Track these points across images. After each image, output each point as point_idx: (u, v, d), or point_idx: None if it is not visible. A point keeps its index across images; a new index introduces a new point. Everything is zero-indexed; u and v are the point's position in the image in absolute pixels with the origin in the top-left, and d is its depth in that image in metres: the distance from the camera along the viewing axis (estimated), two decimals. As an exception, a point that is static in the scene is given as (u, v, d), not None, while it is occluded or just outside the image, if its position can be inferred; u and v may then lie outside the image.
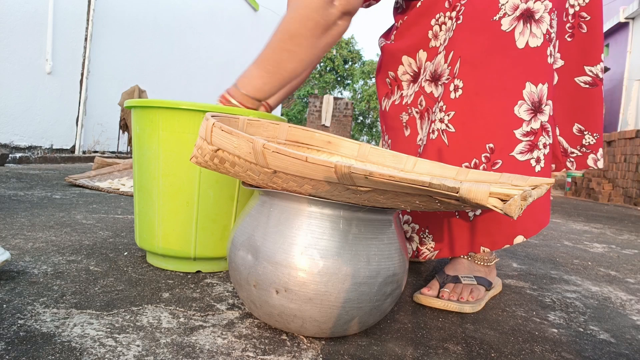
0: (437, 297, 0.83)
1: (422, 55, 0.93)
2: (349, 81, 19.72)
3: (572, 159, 0.97)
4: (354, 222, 0.59)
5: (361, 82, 19.47)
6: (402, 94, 0.99)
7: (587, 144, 0.95)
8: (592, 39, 0.90)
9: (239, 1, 7.75)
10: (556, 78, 0.90)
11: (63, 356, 0.52)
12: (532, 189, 0.54)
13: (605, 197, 5.19)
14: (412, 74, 0.96)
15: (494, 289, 0.91)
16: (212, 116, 0.59)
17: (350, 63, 19.30)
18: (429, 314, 0.79)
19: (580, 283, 1.10)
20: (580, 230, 2.20)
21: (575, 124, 0.95)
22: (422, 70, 0.94)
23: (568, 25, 0.90)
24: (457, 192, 0.46)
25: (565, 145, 0.96)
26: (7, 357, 0.51)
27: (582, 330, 0.77)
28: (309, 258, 0.57)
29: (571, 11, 0.90)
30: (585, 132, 0.94)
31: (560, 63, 0.91)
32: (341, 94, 19.84)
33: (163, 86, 5.67)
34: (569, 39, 0.91)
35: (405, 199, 0.53)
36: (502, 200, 0.46)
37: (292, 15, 0.79)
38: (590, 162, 0.95)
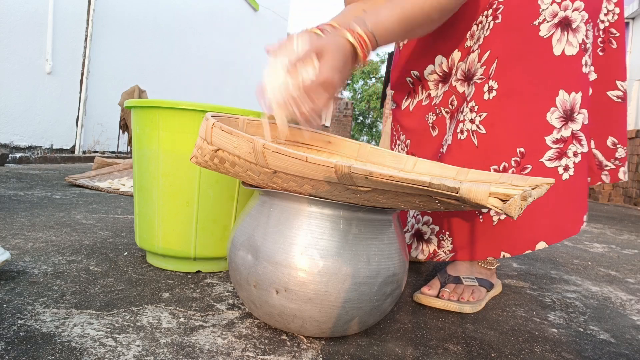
0: (437, 296, 0.83)
1: (456, 55, 0.91)
2: (349, 81, 19.70)
3: (606, 172, 0.97)
4: (354, 222, 0.59)
5: (361, 82, 19.46)
6: (429, 94, 0.97)
7: (619, 157, 0.96)
8: (621, 56, 0.91)
9: (239, 1, 7.75)
10: (590, 91, 0.90)
11: (63, 356, 0.52)
12: (532, 189, 0.54)
13: (605, 197, 5.18)
14: (441, 74, 0.94)
15: (494, 290, 0.91)
16: (212, 116, 0.59)
17: (350, 63, 19.25)
18: (429, 314, 0.79)
19: (580, 283, 1.10)
20: (581, 230, 2.20)
21: (610, 137, 0.96)
22: (453, 71, 0.92)
23: (599, 39, 0.90)
24: (457, 192, 0.46)
25: (601, 157, 0.96)
26: (7, 357, 0.51)
27: (582, 330, 0.77)
28: (309, 258, 0.57)
29: (601, 26, 0.90)
30: (618, 145, 0.95)
31: (593, 76, 0.91)
32: (341, 94, 19.81)
33: (163, 86, 5.66)
34: (600, 53, 0.91)
35: (405, 199, 0.53)
36: (502, 200, 0.46)
37: (434, 4, 0.76)
38: (621, 175, 0.97)
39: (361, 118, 19.54)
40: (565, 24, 0.78)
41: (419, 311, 0.79)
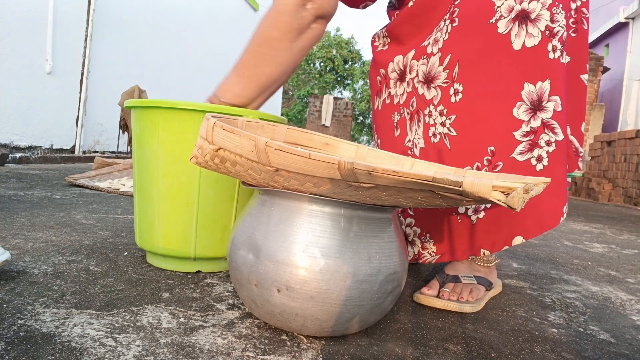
0: (437, 296, 0.83)
1: (411, 53, 0.92)
2: (349, 81, 19.73)
3: (581, 159, 0.95)
4: (355, 220, 0.59)
5: (361, 82, 19.47)
6: (389, 92, 0.98)
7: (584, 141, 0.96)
8: (587, 36, 0.91)
9: (239, 1, 7.76)
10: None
11: (63, 356, 0.52)
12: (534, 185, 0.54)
13: (605, 197, 5.19)
14: (398, 72, 0.95)
15: (494, 289, 0.91)
16: (212, 117, 0.59)
17: (350, 63, 19.30)
18: (429, 314, 0.79)
19: (580, 283, 1.10)
20: (580, 230, 2.20)
21: (582, 122, 0.95)
22: (407, 69, 0.92)
23: (572, 20, 0.89)
24: (460, 186, 0.46)
25: (577, 144, 0.95)
26: (7, 357, 0.51)
27: (582, 330, 0.77)
28: (311, 256, 0.57)
29: (573, 6, 0.89)
30: (585, 131, 0.96)
31: (566, 59, 0.89)
32: (341, 94, 19.84)
33: (163, 86, 5.67)
34: (573, 34, 0.90)
35: (407, 195, 0.53)
36: (504, 193, 0.46)
37: (266, 19, 0.82)
38: (580, 164, 0.96)
39: (361, 118, 19.54)
40: (522, 17, 0.78)
41: (419, 311, 0.79)
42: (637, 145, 4.76)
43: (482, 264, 0.89)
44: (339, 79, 19.40)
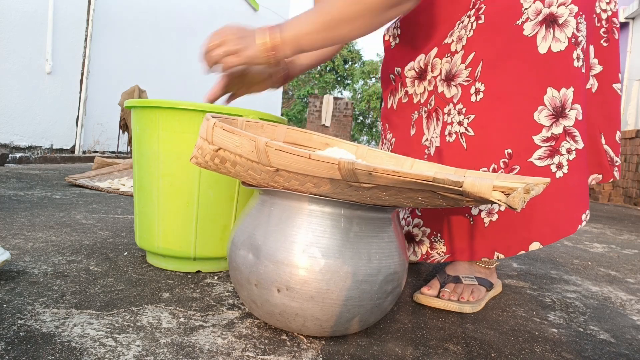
0: (437, 296, 0.83)
1: (433, 51, 0.91)
2: (349, 81, 19.73)
3: (616, 168, 0.94)
4: (355, 220, 0.59)
5: (361, 82, 19.48)
6: (407, 91, 0.96)
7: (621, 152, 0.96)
8: (618, 46, 0.90)
9: (239, 1, 7.75)
10: (596, 84, 0.89)
11: (63, 356, 0.52)
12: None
13: (605, 197, 5.19)
14: (417, 70, 0.94)
15: (494, 290, 0.91)
16: (212, 117, 0.59)
17: (350, 63, 19.30)
18: (429, 314, 0.79)
19: (580, 283, 1.10)
20: (580, 230, 2.20)
21: (617, 132, 0.94)
22: (429, 67, 0.91)
23: (602, 30, 0.89)
24: (460, 186, 0.46)
25: (612, 154, 0.94)
26: (7, 357, 0.51)
27: (582, 330, 0.77)
28: (311, 256, 0.57)
29: (604, 16, 0.88)
30: (621, 140, 0.94)
31: (598, 69, 0.90)
32: (341, 94, 19.84)
33: (163, 86, 5.66)
34: (604, 44, 0.89)
35: (407, 195, 0.53)
36: (505, 193, 0.46)
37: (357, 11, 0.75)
38: (616, 173, 0.95)
39: (361, 118, 19.55)
40: (550, 21, 0.77)
41: (419, 311, 0.79)
42: (637, 145, 4.76)
43: (483, 265, 0.89)
44: (339, 79, 19.40)
